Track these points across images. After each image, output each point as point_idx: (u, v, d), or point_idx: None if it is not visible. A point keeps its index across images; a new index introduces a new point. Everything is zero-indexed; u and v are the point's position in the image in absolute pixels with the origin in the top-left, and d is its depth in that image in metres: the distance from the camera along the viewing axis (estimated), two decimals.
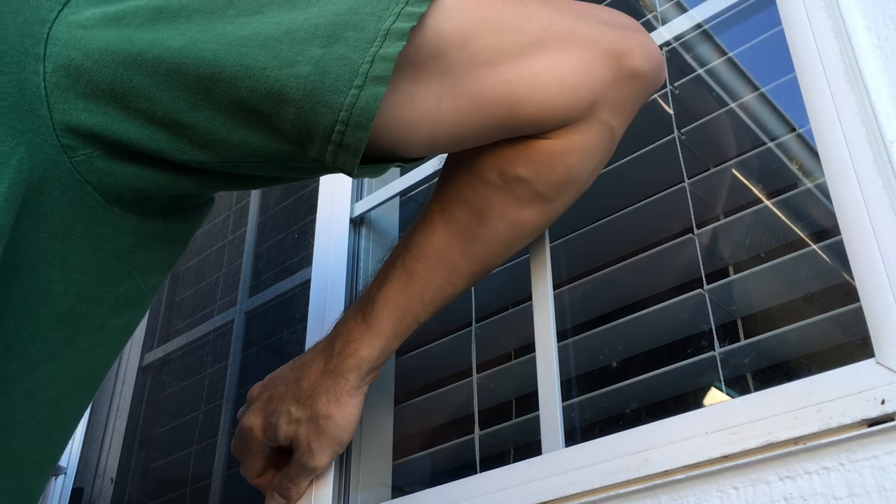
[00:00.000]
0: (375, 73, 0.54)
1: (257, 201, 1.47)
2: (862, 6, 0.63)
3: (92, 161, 0.56)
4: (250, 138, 0.56)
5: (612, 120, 0.62)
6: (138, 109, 0.55)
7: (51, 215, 0.56)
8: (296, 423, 0.73)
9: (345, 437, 0.73)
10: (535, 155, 0.62)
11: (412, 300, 0.69)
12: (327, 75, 0.53)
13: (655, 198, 0.81)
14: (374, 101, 0.54)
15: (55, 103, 0.54)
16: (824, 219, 0.74)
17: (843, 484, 0.51)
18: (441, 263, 0.68)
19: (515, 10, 0.59)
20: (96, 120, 0.55)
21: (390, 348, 0.72)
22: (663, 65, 0.64)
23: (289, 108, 0.54)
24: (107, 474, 1.36)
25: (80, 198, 0.56)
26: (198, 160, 0.57)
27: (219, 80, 0.54)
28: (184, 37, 0.54)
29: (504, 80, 0.58)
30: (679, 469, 0.57)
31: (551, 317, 0.74)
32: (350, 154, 0.56)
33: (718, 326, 0.73)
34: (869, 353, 0.54)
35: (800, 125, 0.79)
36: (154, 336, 1.51)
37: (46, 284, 0.57)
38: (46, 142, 0.54)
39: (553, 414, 0.69)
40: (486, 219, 0.66)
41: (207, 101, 0.55)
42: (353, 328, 0.72)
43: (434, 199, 0.69)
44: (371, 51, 0.54)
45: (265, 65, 0.53)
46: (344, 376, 0.71)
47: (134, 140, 0.55)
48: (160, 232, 0.63)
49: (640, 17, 0.91)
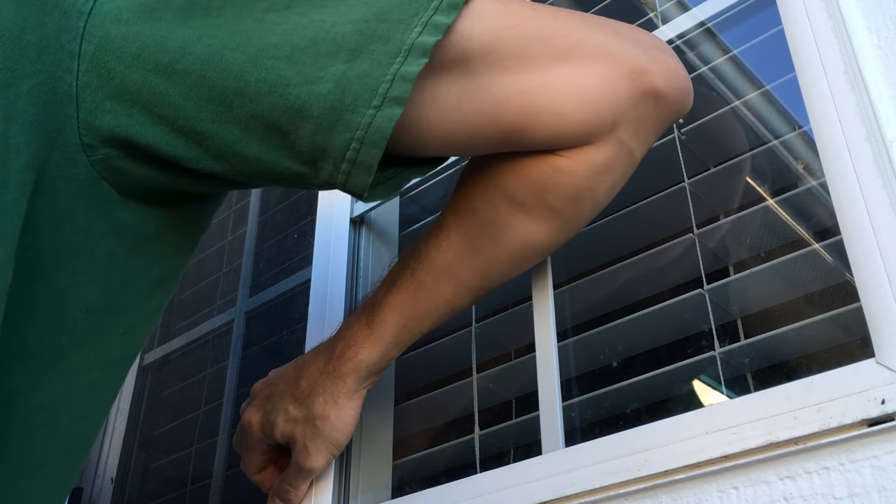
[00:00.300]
0: (394, 94, 0.54)
1: (257, 201, 1.47)
2: (862, 6, 0.63)
3: (110, 161, 0.56)
4: (266, 154, 0.57)
5: (630, 141, 0.61)
6: (161, 115, 0.55)
7: (72, 212, 0.56)
8: (293, 422, 0.73)
9: (341, 439, 0.73)
10: (552, 172, 0.61)
11: (418, 310, 0.69)
12: (347, 94, 0.54)
13: (655, 198, 0.81)
14: (390, 121, 0.54)
15: (83, 103, 0.54)
16: (824, 218, 0.74)
17: (843, 484, 0.51)
18: (451, 277, 0.68)
19: (547, 20, 0.59)
20: (120, 122, 0.55)
21: (390, 355, 0.72)
22: (689, 91, 0.62)
23: (307, 124, 0.54)
24: (107, 474, 1.36)
25: (98, 193, 0.57)
26: (213, 170, 0.58)
27: (242, 94, 0.54)
28: (213, 41, 0.54)
29: (526, 89, 0.58)
30: (679, 469, 0.57)
31: (551, 317, 0.74)
32: (363, 172, 0.56)
33: (718, 326, 0.73)
34: (869, 353, 0.54)
35: (800, 125, 0.79)
36: (154, 336, 1.51)
37: (72, 278, 0.58)
38: (69, 140, 0.55)
39: (553, 414, 0.69)
40: (501, 235, 0.66)
41: (229, 114, 0.55)
42: (355, 332, 0.72)
43: (449, 213, 0.69)
44: (392, 68, 0.54)
45: (288, 81, 0.54)
46: (342, 379, 0.71)
47: (153, 145, 0.56)
48: (182, 216, 0.64)
49: (642, 15, 0.91)
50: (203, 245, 1.55)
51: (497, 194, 0.65)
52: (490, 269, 0.68)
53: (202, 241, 1.54)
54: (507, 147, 0.62)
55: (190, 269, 1.56)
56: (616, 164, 0.62)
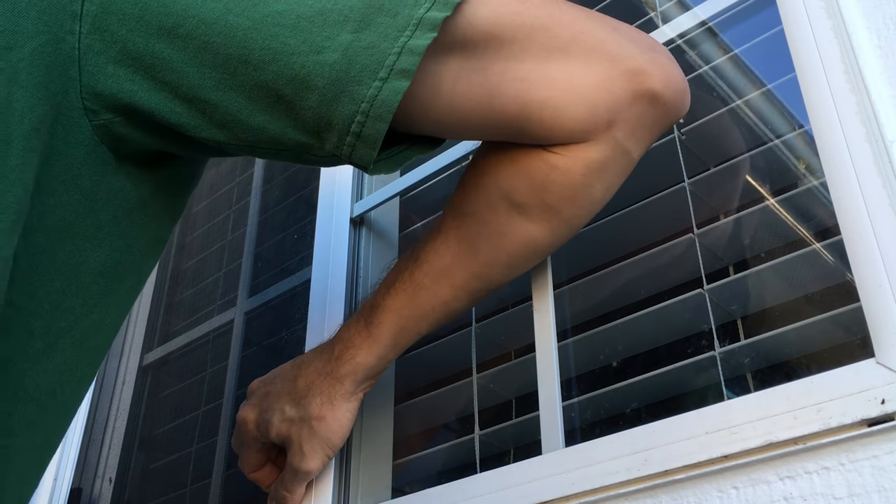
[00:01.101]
0: (402, 66, 0.53)
1: (257, 201, 1.47)
2: (862, 6, 0.63)
3: (112, 127, 0.56)
4: (269, 124, 0.56)
5: (626, 142, 0.61)
6: (165, 81, 0.55)
7: (79, 176, 0.56)
8: (288, 422, 0.73)
9: (336, 441, 0.73)
10: (549, 170, 0.61)
11: (416, 312, 0.69)
12: (354, 65, 0.53)
13: (655, 198, 0.81)
14: (396, 94, 0.53)
15: (86, 66, 0.54)
16: (824, 218, 0.74)
17: (843, 484, 0.51)
18: (449, 279, 0.68)
19: (550, 10, 0.59)
20: (123, 87, 0.55)
21: (388, 358, 0.72)
22: (685, 93, 0.63)
23: (311, 95, 0.54)
24: (106, 474, 1.36)
25: (99, 157, 0.57)
26: (215, 140, 0.58)
27: (246, 62, 0.54)
28: (217, 4, 0.54)
29: (524, 78, 0.58)
30: (679, 469, 0.57)
31: (551, 317, 0.74)
32: (368, 146, 0.56)
33: (718, 326, 0.73)
34: (869, 353, 0.54)
35: (800, 125, 0.79)
36: (154, 336, 1.51)
37: (82, 242, 0.58)
38: (72, 104, 0.55)
39: (553, 414, 0.69)
40: (499, 237, 0.66)
41: (232, 82, 0.55)
42: (353, 334, 0.72)
43: (448, 216, 0.69)
44: (400, 41, 0.53)
45: (293, 49, 0.53)
46: (340, 380, 0.71)
47: (156, 111, 0.56)
48: (175, 177, 0.64)
49: (642, 15, 0.91)
50: (203, 245, 1.55)
51: (497, 196, 0.65)
52: (489, 272, 0.68)
53: (202, 241, 1.55)
54: (499, 135, 0.62)
55: (190, 269, 1.56)
56: (612, 163, 0.62)
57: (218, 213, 1.56)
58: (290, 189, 1.38)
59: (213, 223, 1.56)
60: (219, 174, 1.62)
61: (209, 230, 1.56)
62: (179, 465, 1.31)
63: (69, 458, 1.23)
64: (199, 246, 1.56)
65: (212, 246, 1.53)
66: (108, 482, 1.34)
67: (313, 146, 0.57)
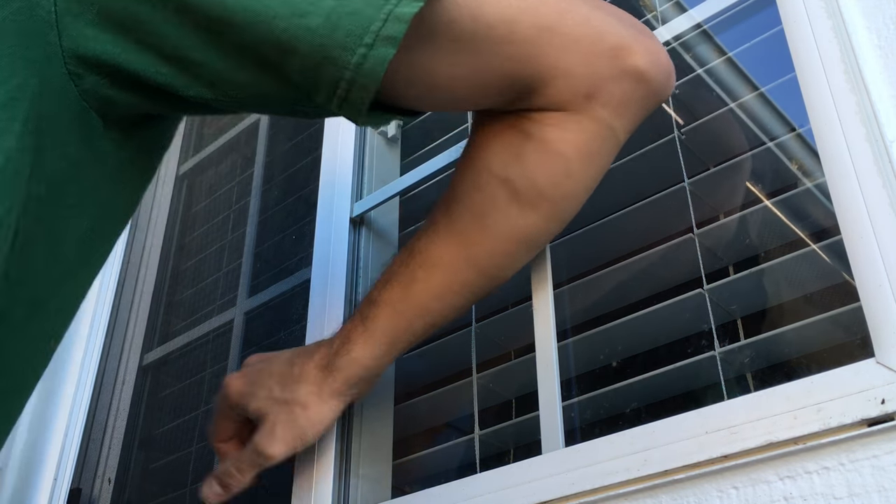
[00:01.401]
0: (387, 32, 0.52)
1: (257, 201, 1.47)
2: (862, 6, 0.63)
3: (97, 90, 0.56)
4: (257, 81, 0.56)
5: (612, 120, 0.61)
6: (148, 43, 0.55)
7: (66, 143, 0.56)
8: (272, 401, 0.72)
9: (309, 435, 0.73)
10: (535, 145, 0.62)
11: (410, 306, 0.69)
12: (338, 30, 0.53)
13: (655, 198, 0.81)
14: (382, 63, 0.53)
15: (64, 29, 0.53)
16: (824, 218, 0.74)
17: (843, 484, 0.51)
18: (443, 270, 0.68)
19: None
20: (105, 49, 0.54)
21: (383, 358, 0.71)
22: (670, 72, 0.63)
23: (295, 59, 0.54)
24: (106, 474, 1.36)
25: (85, 122, 0.56)
26: (203, 97, 0.57)
27: (228, 24, 0.53)
28: None
29: (512, 57, 0.59)
30: (679, 469, 0.57)
31: (551, 317, 0.74)
32: (353, 109, 0.56)
33: (718, 326, 0.73)
34: (869, 353, 0.54)
35: (800, 125, 0.79)
36: (154, 336, 1.51)
37: (66, 211, 0.58)
38: (55, 70, 0.54)
39: (553, 414, 0.69)
40: (488, 221, 0.66)
41: (216, 42, 0.54)
42: (350, 329, 0.72)
43: (440, 204, 0.69)
44: (387, 8, 0.53)
45: (276, 13, 0.53)
46: (333, 375, 0.71)
47: (141, 72, 0.55)
48: (151, 137, 0.64)
49: (640, 16, 0.91)
50: (203, 245, 1.55)
51: (485, 177, 0.65)
52: (479, 259, 0.67)
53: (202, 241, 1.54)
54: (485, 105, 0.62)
55: (190, 269, 1.56)
56: (598, 140, 0.62)
57: (218, 213, 1.56)
58: (289, 189, 1.38)
59: (212, 223, 1.56)
60: (219, 174, 1.62)
61: (209, 230, 1.56)
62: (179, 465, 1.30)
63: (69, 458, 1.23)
64: (198, 246, 1.56)
65: (211, 246, 1.53)
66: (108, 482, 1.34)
67: (302, 100, 0.57)
